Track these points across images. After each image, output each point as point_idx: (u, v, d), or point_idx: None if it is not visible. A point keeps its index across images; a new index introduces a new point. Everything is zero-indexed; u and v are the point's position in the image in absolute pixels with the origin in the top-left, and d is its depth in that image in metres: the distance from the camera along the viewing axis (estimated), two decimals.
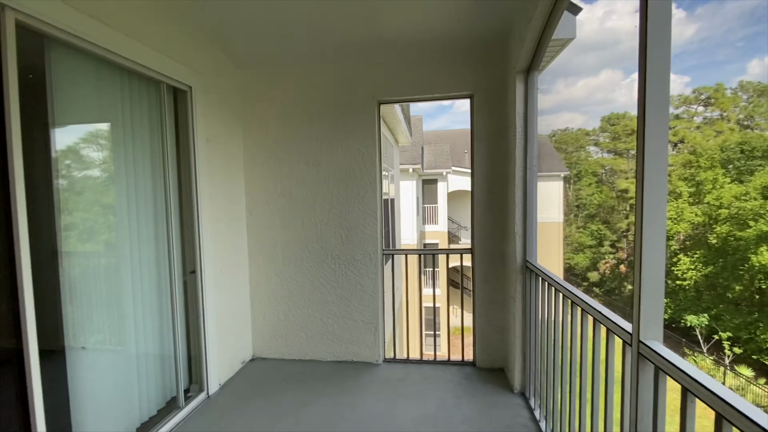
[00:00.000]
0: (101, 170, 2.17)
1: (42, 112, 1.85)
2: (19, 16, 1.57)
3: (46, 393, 1.69)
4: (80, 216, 2.10)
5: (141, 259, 2.33)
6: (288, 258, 3.32)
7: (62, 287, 1.93)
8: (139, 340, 2.33)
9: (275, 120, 3.27)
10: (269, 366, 3.25)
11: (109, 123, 2.18)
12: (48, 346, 1.81)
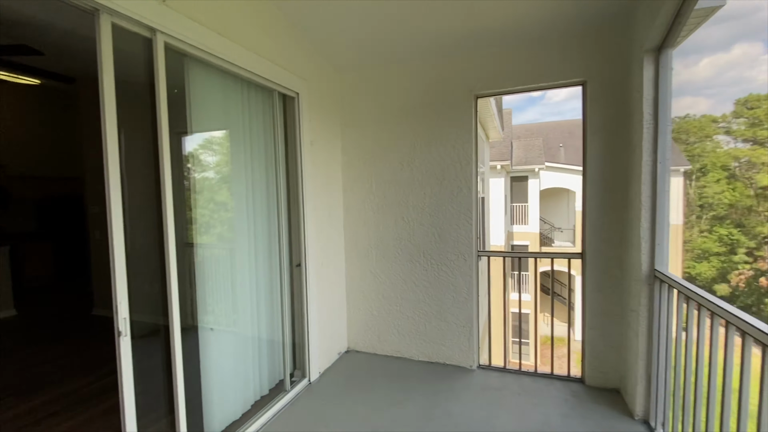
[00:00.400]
0: (226, 171, 2.44)
1: (182, 123, 2.13)
2: (168, 39, 1.82)
3: (184, 362, 1.95)
4: (207, 212, 2.38)
5: (257, 251, 2.57)
6: (381, 256, 3.38)
7: (195, 275, 2.21)
8: (255, 325, 2.56)
9: (371, 121, 3.34)
10: (363, 359, 3.35)
11: (231, 129, 2.43)
12: (185, 324, 2.09)
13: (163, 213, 1.83)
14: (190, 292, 2.30)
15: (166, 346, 1.93)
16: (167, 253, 1.84)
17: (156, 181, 1.87)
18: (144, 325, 2.63)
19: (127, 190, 1.84)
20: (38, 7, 2.48)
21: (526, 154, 14.58)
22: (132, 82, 1.89)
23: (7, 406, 2.71)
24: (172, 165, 1.87)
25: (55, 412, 2.62)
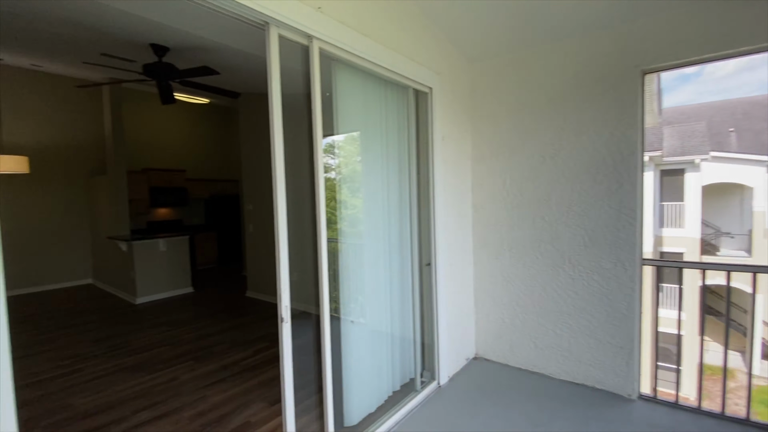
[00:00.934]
0: (363, 170, 2.49)
1: (328, 126, 2.24)
2: (322, 45, 1.91)
3: (332, 347, 2.04)
4: (346, 209, 2.48)
5: (390, 248, 2.58)
6: (515, 259, 3.09)
7: (339, 268, 2.31)
8: (388, 321, 2.58)
9: (505, 111, 3.08)
10: (493, 369, 3.12)
11: (369, 129, 2.47)
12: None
13: (317, 211, 1.93)
14: (332, 284, 2.42)
15: (317, 331, 2.05)
16: (319, 247, 1.94)
17: (311, 182, 1.99)
18: (293, 310, 2.90)
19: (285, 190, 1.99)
20: (211, 31, 2.92)
21: (682, 143, 12.06)
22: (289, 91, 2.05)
23: (189, 368, 3.29)
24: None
25: (222, 379, 3.07)
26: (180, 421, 2.48)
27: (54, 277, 6.32)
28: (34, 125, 6.06)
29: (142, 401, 2.75)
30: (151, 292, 5.49)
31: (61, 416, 2.58)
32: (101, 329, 4.34)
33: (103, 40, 3.29)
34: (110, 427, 2.43)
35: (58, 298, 5.76)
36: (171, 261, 5.72)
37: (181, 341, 3.92)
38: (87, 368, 3.33)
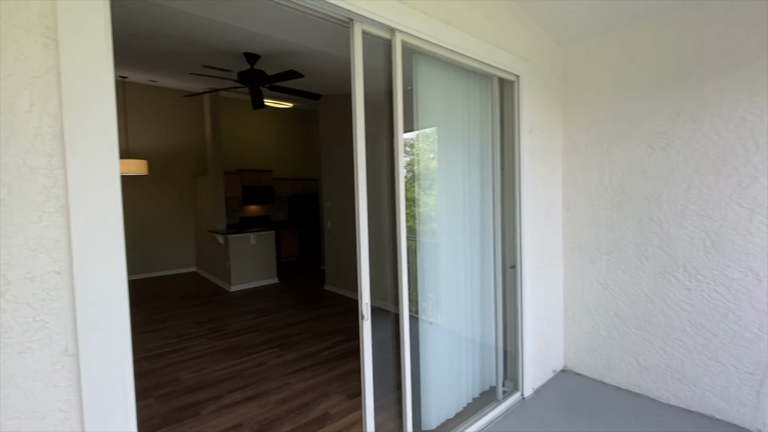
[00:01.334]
0: (444, 166, 2.40)
1: (409, 121, 2.19)
2: (404, 37, 1.86)
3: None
4: (425, 207, 2.41)
5: (471, 248, 2.45)
6: (614, 264, 2.74)
7: (417, 268, 2.26)
8: (468, 324, 2.46)
9: (603, 98, 2.74)
10: (585, 385, 2.81)
11: (450, 123, 2.37)
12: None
13: (396, 210, 1.90)
14: (410, 283, 2.39)
15: (394, 328, 2.04)
16: (398, 247, 1.91)
17: (390, 179, 1.96)
18: (371, 306, 2.94)
19: None
20: (298, 35, 3.06)
21: None
22: (370, 89, 2.05)
23: (275, 355, 3.51)
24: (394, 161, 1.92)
25: (304, 367, 3.22)
26: (267, 405, 2.65)
27: (166, 265, 7.27)
28: (152, 133, 7.02)
29: (235, 382, 3.00)
30: (243, 281, 6.02)
31: (170, 389, 2.93)
32: (202, 313, 4.86)
33: (204, 53, 3.67)
34: (209, 403, 2.69)
35: (169, 283, 6.62)
36: (260, 253, 6.21)
37: (267, 328, 4.21)
38: (190, 347, 3.75)
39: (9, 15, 0.90)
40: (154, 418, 2.53)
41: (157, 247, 7.16)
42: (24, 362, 0.93)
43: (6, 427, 0.91)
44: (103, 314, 1.02)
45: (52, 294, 0.96)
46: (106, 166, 1.03)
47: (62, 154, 0.96)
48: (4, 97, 0.90)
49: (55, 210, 0.96)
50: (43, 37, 0.94)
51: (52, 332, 0.97)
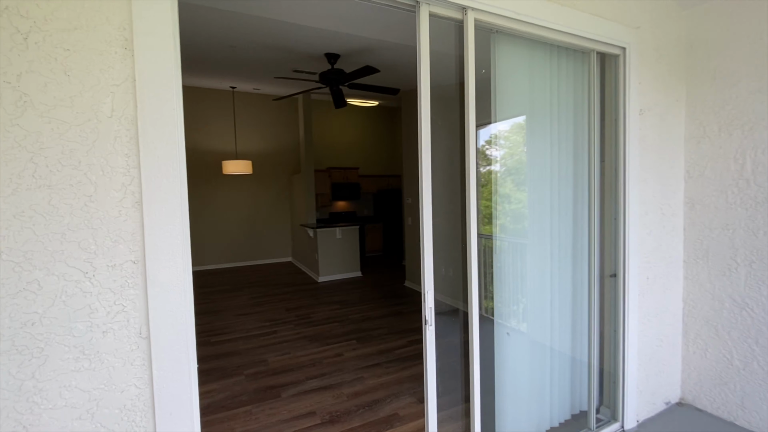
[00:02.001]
0: (525, 158, 2.14)
1: (485, 111, 2.00)
2: (478, 15, 1.68)
3: (481, 348, 1.83)
4: (503, 204, 2.18)
5: (559, 251, 2.15)
6: (756, 277, 2.15)
7: (493, 268, 2.06)
8: (553, 336, 2.17)
9: (748, 68, 2.15)
10: (709, 424, 2.27)
11: (536, 110, 2.10)
12: (484, 314, 2.04)
13: (467, 206, 1.75)
14: (487, 286, 2.21)
15: (464, 333, 1.89)
16: (469, 243, 1.75)
17: (461, 174, 1.81)
18: (443, 304, 2.81)
19: (433, 183, 1.87)
20: (372, 29, 3.04)
21: None
22: (442, 81, 1.91)
23: (352, 347, 3.59)
24: (475, 156, 1.76)
25: (378, 363, 3.22)
26: (339, 396, 2.71)
27: (266, 254, 8.05)
28: (256, 136, 7.81)
29: (313, 370, 3.14)
30: (329, 273, 6.34)
31: (258, 369, 3.20)
32: (292, 300, 5.24)
33: (290, 58, 3.92)
34: (288, 387, 2.86)
35: (268, 271, 7.31)
36: (345, 247, 6.47)
37: (348, 320, 4.35)
38: (280, 332, 4.06)
39: (95, 31, 1.01)
40: (242, 395, 2.78)
41: (259, 238, 7.97)
42: (107, 341, 1.05)
43: (93, 396, 1.04)
44: (170, 302, 1.10)
45: (129, 281, 1.07)
46: (174, 164, 1.10)
47: (137, 154, 1.06)
48: (92, 105, 1.01)
49: (132, 205, 1.06)
50: (122, 48, 1.04)
51: (129, 316, 1.07)
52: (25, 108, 0.96)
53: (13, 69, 0.94)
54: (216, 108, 7.37)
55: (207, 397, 2.76)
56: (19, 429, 0.97)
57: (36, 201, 0.97)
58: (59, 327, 1.00)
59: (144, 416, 1.09)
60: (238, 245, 7.76)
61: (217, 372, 3.16)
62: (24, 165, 0.96)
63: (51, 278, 0.99)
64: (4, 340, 0.95)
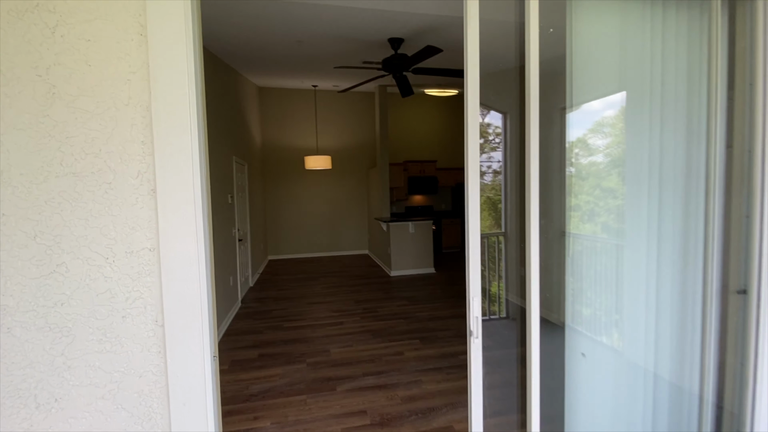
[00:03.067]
0: (619, 145, 1.74)
1: (560, 93, 1.67)
2: None
3: (547, 367, 1.56)
4: (592, 198, 1.83)
5: (660, 257, 1.71)
6: None
7: (567, 267, 1.75)
8: (649, 357, 1.75)
9: None
10: None
11: (630, 84, 1.69)
12: (549, 316, 1.75)
13: (528, 197, 1.47)
14: (556, 286, 1.89)
15: (522, 340, 1.62)
16: (528, 240, 1.47)
17: (520, 162, 1.53)
18: (515, 306, 2.50)
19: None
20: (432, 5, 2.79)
21: None
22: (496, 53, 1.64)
23: (414, 347, 3.44)
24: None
25: (439, 368, 3.02)
26: (393, 398, 2.59)
27: (344, 246, 8.31)
28: (335, 132, 8.07)
29: (371, 366, 3.07)
30: (401, 267, 6.26)
31: (320, 358, 3.24)
32: (362, 293, 5.28)
33: (356, 49, 3.86)
34: (343, 381, 2.83)
35: (344, 262, 7.53)
36: (417, 242, 6.32)
37: (414, 318, 4.21)
38: (345, 323, 4.09)
39: (113, 19, 1.02)
40: (300, 383, 2.83)
41: (338, 230, 8.25)
42: (126, 325, 1.07)
43: (114, 378, 1.07)
44: (183, 291, 1.08)
45: (145, 268, 1.07)
46: (187, 151, 1.07)
47: (152, 141, 1.05)
48: (111, 93, 1.03)
49: (147, 193, 1.06)
50: (137, 35, 1.03)
51: (146, 303, 1.08)
52: (53, 99, 1.00)
53: (43, 62, 0.99)
54: (300, 107, 7.79)
55: (270, 381, 2.88)
56: (51, 400, 1.04)
57: (63, 188, 1.02)
58: (84, 309, 1.04)
59: (160, 403, 1.10)
60: (318, 236, 8.15)
61: (283, 357, 3.28)
62: (53, 154, 1.01)
63: (76, 262, 1.03)
64: (39, 317, 1.02)
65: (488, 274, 4.67)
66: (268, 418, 2.39)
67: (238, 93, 5.69)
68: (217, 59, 4.47)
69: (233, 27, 3.38)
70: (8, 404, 1.02)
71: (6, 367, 1.01)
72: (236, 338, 3.76)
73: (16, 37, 0.97)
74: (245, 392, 2.72)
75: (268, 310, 4.62)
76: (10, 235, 1.00)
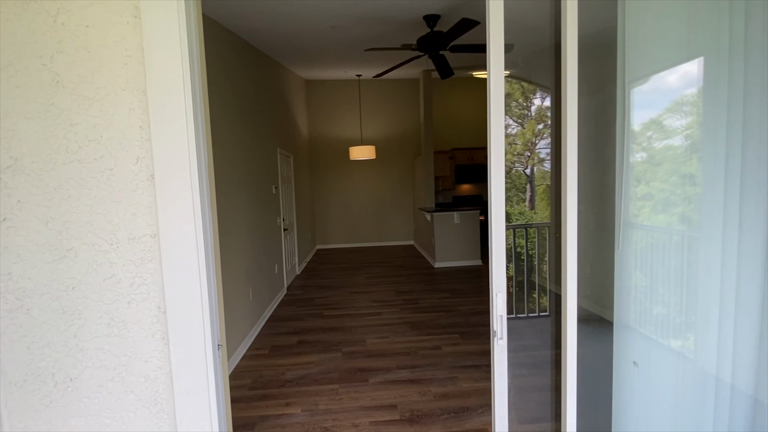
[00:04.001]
0: (705, 126, 1.46)
1: (610, 64, 1.44)
2: None
3: (581, 357, 1.37)
4: (666, 185, 1.60)
5: (740, 250, 1.42)
6: None
7: (618, 260, 1.53)
8: (723, 363, 1.47)
9: None
10: None
11: (707, 52, 1.40)
12: (593, 313, 1.66)
13: (563, 183, 1.27)
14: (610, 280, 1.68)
15: (557, 321, 1.45)
16: (564, 228, 1.28)
17: (555, 143, 1.33)
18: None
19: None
20: None
21: None
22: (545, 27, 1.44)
23: (453, 342, 3.29)
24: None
25: (477, 365, 2.86)
26: (426, 394, 2.49)
27: (389, 236, 8.28)
28: (379, 121, 7.99)
29: (406, 359, 2.99)
30: (446, 259, 6.08)
31: (356, 348, 3.22)
32: (404, 284, 5.21)
33: (392, 30, 3.69)
34: (377, 373, 2.78)
35: (389, 252, 7.49)
36: (463, 233, 6.08)
37: (455, 312, 4.05)
38: (384, 314, 4.05)
39: (109, 1, 1.01)
40: (334, 372, 2.83)
41: (384, 220, 8.22)
42: (131, 311, 1.08)
43: (122, 361, 1.09)
44: (183, 279, 1.07)
45: (147, 255, 1.07)
46: (183, 136, 1.04)
47: (149, 126, 1.03)
48: (109, 78, 1.02)
49: (146, 179, 1.05)
50: (132, 18, 1.01)
51: (149, 289, 1.08)
52: (57, 88, 1.02)
53: (47, 51, 1.01)
54: (344, 97, 7.81)
55: (305, 368, 2.92)
56: (67, 380, 1.08)
57: (70, 175, 1.04)
58: (93, 293, 1.07)
59: (166, 389, 1.10)
60: (363, 227, 8.19)
61: (320, 345, 3.32)
62: (60, 142, 1.03)
63: (84, 247, 1.06)
64: (54, 300, 1.06)
65: (538, 264, 4.33)
66: (299, 405, 2.41)
67: (284, 86, 5.82)
68: (260, 53, 4.58)
69: (266, 16, 3.40)
70: (30, 380, 1.08)
71: (27, 345, 1.07)
72: (278, 324, 3.88)
73: (22, 28, 1.00)
74: (281, 378, 2.78)
75: (310, 298, 4.72)
76: (26, 221, 1.04)
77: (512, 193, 4.84)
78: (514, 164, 5.06)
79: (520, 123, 5.69)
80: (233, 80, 3.57)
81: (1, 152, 1.02)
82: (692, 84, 1.50)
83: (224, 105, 3.27)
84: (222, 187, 3.04)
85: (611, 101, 1.73)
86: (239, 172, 3.52)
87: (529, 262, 4.48)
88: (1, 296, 1.05)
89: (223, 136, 3.17)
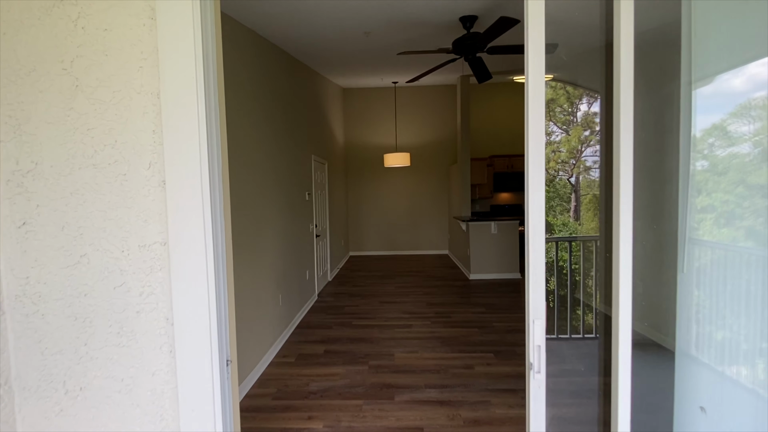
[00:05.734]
0: None
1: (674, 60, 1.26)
2: None
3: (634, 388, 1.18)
4: (730, 197, 1.40)
5: None
6: None
7: (681, 282, 1.33)
8: None
9: None
10: None
11: None
12: (647, 337, 1.52)
13: (615, 194, 1.10)
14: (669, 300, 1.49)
15: (605, 366, 1.27)
16: (617, 240, 1.11)
17: (606, 148, 1.16)
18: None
19: None
20: None
21: None
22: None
23: (487, 361, 3.09)
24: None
25: (512, 389, 2.64)
26: (455, 418, 2.32)
27: (423, 245, 8.11)
28: (414, 128, 7.89)
29: (435, 378, 2.82)
30: (481, 271, 5.83)
31: (383, 362, 3.11)
32: (436, 296, 5.02)
33: (427, 34, 3.59)
34: (403, 391, 2.65)
35: (421, 262, 7.32)
36: (500, 244, 5.81)
37: (490, 328, 3.82)
38: (414, 327, 3.90)
39: (126, 4, 0.99)
40: (359, 386, 2.73)
41: (417, 228, 8.08)
42: (140, 321, 1.04)
43: (129, 373, 1.05)
44: (191, 290, 1.02)
45: (157, 263, 1.03)
46: (195, 141, 0.99)
47: (162, 130, 1.00)
48: (125, 82, 1.00)
49: (158, 184, 1.01)
50: (148, 19, 0.99)
51: (158, 299, 1.04)
52: (76, 92, 1.01)
53: (68, 55, 1.00)
54: (380, 105, 7.80)
55: (330, 380, 2.84)
56: (77, 388, 1.06)
57: (86, 180, 1.02)
58: (103, 301, 1.04)
59: (171, 404, 1.05)
60: (397, 235, 8.08)
61: (347, 356, 3.23)
62: (77, 146, 1.02)
63: (97, 253, 1.03)
64: (67, 306, 1.05)
65: (583, 279, 4.02)
66: (321, 420, 2.32)
67: (320, 94, 5.88)
68: (296, 61, 4.65)
69: (300, 23, 3.41)
70: (43, 387, 1.07)
71: (41, 351, 1.06)
72: (307, 331, 3.85)
73: (45, 33, 1.00)
74: (305, 389, 2.71)
75: (340, 306, 4.66)
76: (44, 225, 1.04)
77: (555, 202, 4.53)
78: (558, 172, 4.76)
79: (565, 130, 5.36)
80: (266, 89, 3.62)
81: (23, 156, 1.02)
82: (762, 87, 1.29)
83: (255, 114, 3.31)
84: (249, 194, 3.06)
85: (669, 103, 1.53)
86: (269, 179, 3.55)
87: (572, 278, 4.14)
88: (19, 300, 1.05)
89: (253, 145, 3.21)
